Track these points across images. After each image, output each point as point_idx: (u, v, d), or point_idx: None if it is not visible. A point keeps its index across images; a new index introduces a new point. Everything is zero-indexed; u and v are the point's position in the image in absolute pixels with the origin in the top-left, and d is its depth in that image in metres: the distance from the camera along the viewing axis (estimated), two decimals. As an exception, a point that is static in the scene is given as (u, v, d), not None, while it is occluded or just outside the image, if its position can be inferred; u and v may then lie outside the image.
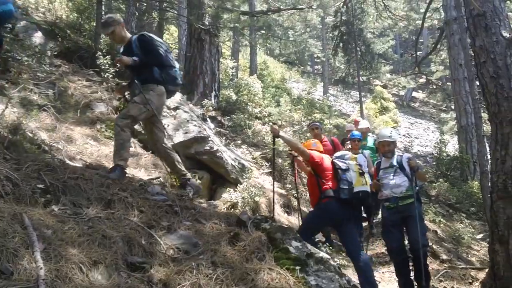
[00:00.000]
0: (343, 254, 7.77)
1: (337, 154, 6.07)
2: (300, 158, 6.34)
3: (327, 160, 5.84)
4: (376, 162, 6.64)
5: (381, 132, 6.57)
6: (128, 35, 5.59)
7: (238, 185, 7.83)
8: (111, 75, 8.94)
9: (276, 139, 6.66)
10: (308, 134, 15.02)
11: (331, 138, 8.36)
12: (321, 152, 6.14)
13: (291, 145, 6.12)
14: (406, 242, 6.13)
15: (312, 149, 6.02)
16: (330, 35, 30.22)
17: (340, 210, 5.44)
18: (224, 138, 10.75)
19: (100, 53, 9.09)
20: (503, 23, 5.64)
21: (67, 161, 5.18)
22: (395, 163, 6.21)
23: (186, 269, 3.29)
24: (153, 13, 13.98)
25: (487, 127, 10.59)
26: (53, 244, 2.93)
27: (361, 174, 5.63)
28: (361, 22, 28.68)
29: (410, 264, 6.10)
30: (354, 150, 8.83)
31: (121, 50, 5.67)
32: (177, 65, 5.82)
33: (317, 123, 8.75)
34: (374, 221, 8.68)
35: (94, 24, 10.80)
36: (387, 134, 6.35)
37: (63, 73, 8.15)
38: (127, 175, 5.34)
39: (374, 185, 6.34)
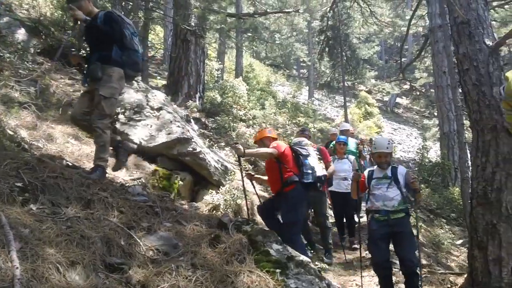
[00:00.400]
0: (324, 257, 7.79)
1: (295, 140, 6.44)
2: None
3: (287, 147, 6.06)
4: (368, 170, 6.23)
5: (378, 142, 6.19)
6: (96, 10, 5.39)
7: (221, 187, 7.80)
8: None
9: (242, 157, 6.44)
10: (292, 138, 15.05)
11: (319, 147, 8.26)
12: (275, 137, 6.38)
13: (258, 156, 6.16)
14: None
15: (269, 138, 6.22)
16: (316, 39, 30.36)
17: (305, 194, 6.02)
18: (207, 139, 10.70)
19: (83, 52, 9.00)
20: (487, 31, 5.71)
21: (47, 160, 5.11)
22: (389, 174, 5.89)
23: (165, 271, 3.27)
24: (139, 13, 13.88)
25: (469, 134, 10.70)
26: (30, 244, 2.89)
27: (319, 159, 6.22)
28: (347, 27, 28.84)
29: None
30: (339, 154, 8.93)
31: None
32: (141, 50, 5.64)
33: (306, 132, 8.48)
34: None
35: (79, 23, 10.66)
36: (385, 145, 6.00)
37: (46, 71, 8.05)
38: (108, 175, 5.29)
39: (355, 177, 6.27)
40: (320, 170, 6.18)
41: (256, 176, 6.99)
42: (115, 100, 5.31)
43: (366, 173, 6.15)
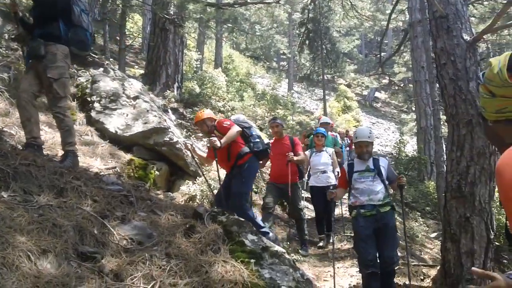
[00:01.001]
0: (300, 250, 7.83)
1: (232, 118, 6.51)
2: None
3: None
4: (346, 163, 5.93)
5: (359, 131, 5.90)
6: None
7: (197, 177, 7.77)
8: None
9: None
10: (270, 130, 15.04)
11: (292, 138, 8.08)
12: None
13: (230, 140, 6.12)
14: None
15: (211, 118, 6.25)
16: (297, 31, 30.43)
17: (258, 164, 6.35)
18: (185, 130, 10.65)
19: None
20: (465, 26, 5.75)
21: (20, 147, 5.02)
22: (372, 166, 5.62)
23: (138, 260, 3.23)
24: (117, 0, 13.70)
25: (445, 129, 10.83)
26: (0, 231, 2.83)
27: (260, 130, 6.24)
28: (327, 20, 28.95)
29: None
30: (317, 147, 8.81)
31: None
32: (91, 30, 5.32)
33: (278, 121, 8.10)
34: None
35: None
36: (366, 134, 5.71)
37: (20, 57, 7.89)
38: (82, 164, 5.21)
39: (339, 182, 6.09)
40: (265, 139, 6.55)
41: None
42: (66, 80, 5.08)
43: (345, 167, 5.84)
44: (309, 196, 9.57)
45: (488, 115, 1.75)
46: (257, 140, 6.18)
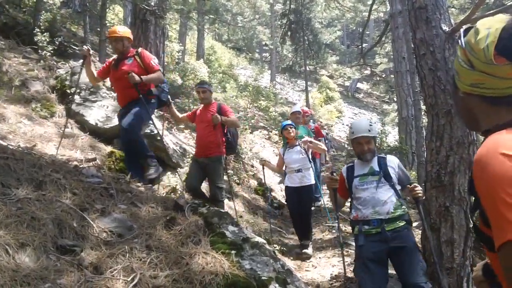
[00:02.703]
0: (284, 240, 7.85)
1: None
2: None
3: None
4: (345, 167, 4.69)
5: (356, 125, 4.57)
6: None
7: (179, 169, 7.75)
8: (49, 53, 8.62)
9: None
10: (253, 121, 15.01)
11: (220, 104, 6.92)
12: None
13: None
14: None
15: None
16: (279, 23, 30.37)
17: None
18: (166, 122, 10.59)
19: (38, 30, 8.76)
20: (444, 17, 5.78)
21: (-2, 141, 4.96)
22: (377, 168, 4.41)
23: (118, 253, 3.22)
24: (97, -9, 13.55)
25: (426, 119, 10.92)
26: (-22, 225, 2.81)
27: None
28: (309, 12, 28.94)
29: None
30: (290, 141, 7.63)
31: None
32: None
33: (205, 86, 6.89)
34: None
35: (35, 1, 10.37)
36: (365, 128, 4.45)
37: (-1, 49, 7.79)
38: (61, 157, 5.16)
39: (329, 183, 4.69)
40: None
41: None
42: None
43: (344, 172, 4.61)
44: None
45: (461, 85, 1.60)
46: (167, 90, 6.38)
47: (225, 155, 6.79)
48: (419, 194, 4.34)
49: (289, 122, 7.96)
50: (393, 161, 4.52)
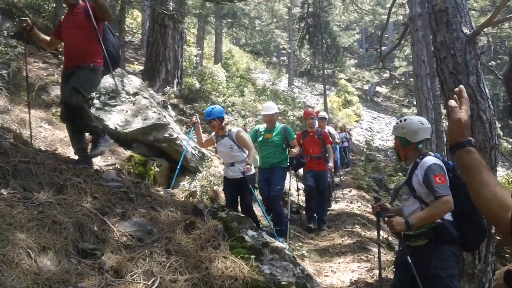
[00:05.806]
0: (301, 244, 7.81)
1: None
2: None
3: None
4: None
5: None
6: None
7: (197, 173, 7.76)
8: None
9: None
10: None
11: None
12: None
13: None
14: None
15: None
16: (297, 26, 30.33)
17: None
18: (185, 126, 10.64)
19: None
20: (464, 20, 5.72)
21: (19, 145, 5.01)
22: (408, 177, 3.79)
23: (139, 257, 3.24)
24: (116, -3, 13.66)
25: (446, 123, 10.78)
26: (0, 229, 2.84)
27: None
28: (327, 15, 28.86)
29: None
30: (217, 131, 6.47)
31: None
32: None
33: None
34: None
35: (54, 6, 10.50)
36: (393, 127, 3.96)
37: (19, 54, 7.88)
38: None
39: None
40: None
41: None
42: None
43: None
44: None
45: None
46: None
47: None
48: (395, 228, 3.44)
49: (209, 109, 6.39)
50: (422, 165, 3.65)
